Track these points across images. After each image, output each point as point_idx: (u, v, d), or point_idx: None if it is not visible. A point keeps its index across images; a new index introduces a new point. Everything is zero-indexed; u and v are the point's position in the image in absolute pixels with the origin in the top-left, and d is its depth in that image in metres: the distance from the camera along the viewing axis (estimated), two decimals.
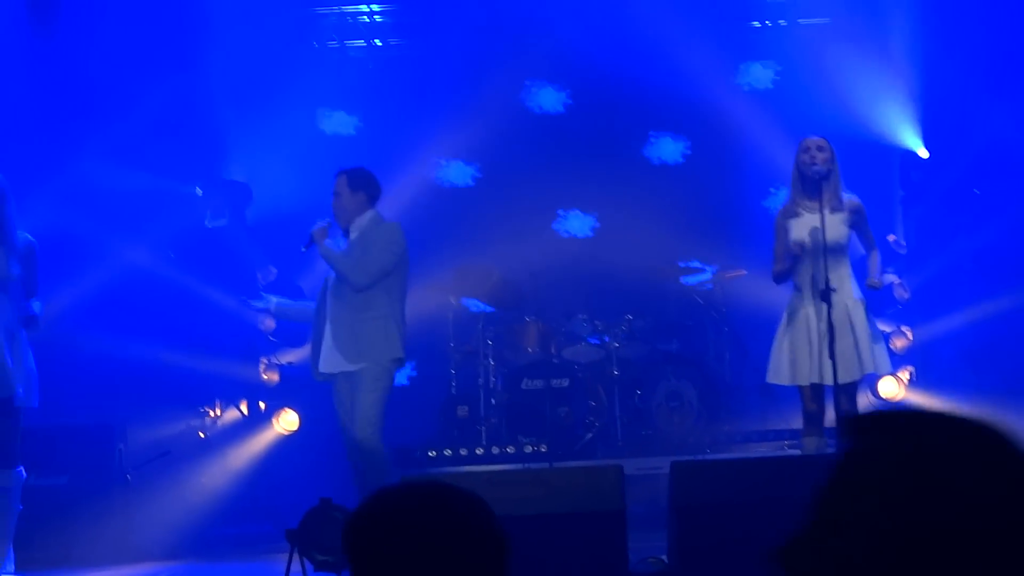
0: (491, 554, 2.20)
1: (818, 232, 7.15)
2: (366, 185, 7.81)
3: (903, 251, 10.93)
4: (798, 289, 7.33)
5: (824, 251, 7.12)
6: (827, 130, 7.74)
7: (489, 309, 10.59)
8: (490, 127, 11.51)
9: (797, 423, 7.84)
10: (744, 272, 10.60)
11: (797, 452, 8.15)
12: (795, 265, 7.28)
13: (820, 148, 7.27)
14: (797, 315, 7.28)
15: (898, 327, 10.72)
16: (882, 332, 10.41)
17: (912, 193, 11.34)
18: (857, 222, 7.36)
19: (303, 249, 7.92)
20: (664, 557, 6.29)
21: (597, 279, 11.39)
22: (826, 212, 7.17)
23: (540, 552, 5.76)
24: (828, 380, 7.08)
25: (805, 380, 7.22)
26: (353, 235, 7.73)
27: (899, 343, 10.62)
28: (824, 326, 7.05)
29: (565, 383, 10.05)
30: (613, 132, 11.73)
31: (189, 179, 11.09)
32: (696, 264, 10.88)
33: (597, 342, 10.45)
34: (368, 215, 7.77)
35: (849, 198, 7.33)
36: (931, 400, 10.60)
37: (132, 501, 8.65)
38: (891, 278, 10.79)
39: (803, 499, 4.76)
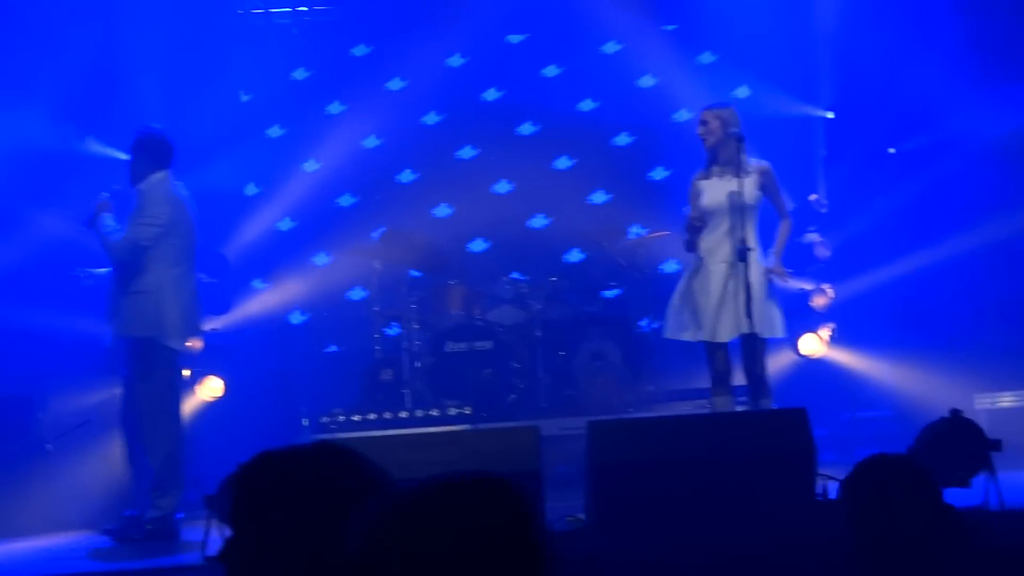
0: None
1: (732, 195, 7.34)
2: (150, 148, 7.62)
3: (824, 210, 11.05)
4: (704, 248, 7.50)
5: (738, 212, 7.27)
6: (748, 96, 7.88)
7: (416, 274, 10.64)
8: (416, 94, 11.62)
9: None
10: (668, 232, 10.68)
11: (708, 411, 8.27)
12: (699, 233, 7.48)
13: (703, 121, 7.57)
14: (702, 272, 7.43)
15: (819, 285, 10.82)
16: (801, 290, 10.62)
17: (834, 152, 11.46)
18: (766, 185, 7.54)
19: (86, 227, 7.74)
20: (582, 515, 6.36)
21: (520, 242, 11.53)
22: (730, 176, 7.39)
23: None
24: (724, 336, 7.27)
25: (717, 336, 7.35)
26: (137, 201, 7.60)
27: (820, 300, 10.73)
28: (736, 284, 7.19)
29: (489, 345, 10.07)
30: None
31: (110, 144, 10.99)
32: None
33: (520, 305, 10.52)
34: (151, 180, 7.58)
35: (758, 162, 7.55)
36: (850, 356, 10.77)
37: (52, 471, 8.61)
38: (813, 237, 10.90)
39: (714, 456, 4.86)
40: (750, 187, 7.44)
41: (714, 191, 7.51)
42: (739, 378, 7.67)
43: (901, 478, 3.79)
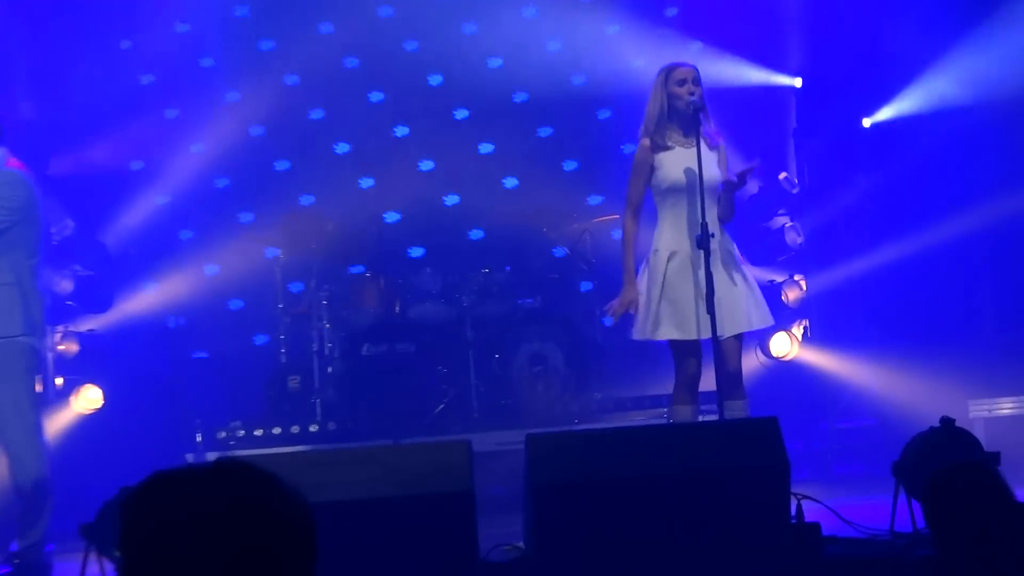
0: (291, 545, 2.16)
1: (693, 172, 7.30)
2: None
3: (795, 190, 11.07)
4: (674, 231, 7.43)
5: (700, 191, 7.23)
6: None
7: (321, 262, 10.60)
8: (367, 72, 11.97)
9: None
10: (617, 216, 10.66)
11: (667, 422, 8.25)
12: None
13: (696, 81, 7.47)
14: (676, 260, 7.38)
15: (791, 276, 10.82)
16: (771, 282, 10.66)
17: (805, 125, 11.48)
18: (721, 163, 7.56)
19: None
20: (521, 543, 6.33)
21: (449, 227, 11.56)
22: (692, 150, 7.34)
23: (378, 540, 5.75)
24: (729, 329, 7.27)
25: (694, 334, 7.33)
26: None
27: (792, 294, 10.75)
28: (703, 274, 7.17)
29: (412, 348, 10.03)
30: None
31: None
32: None
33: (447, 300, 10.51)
34: None
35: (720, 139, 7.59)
36: (827, 358, 10.80)
37: None
38: (783, 221, 10.95)
39: (672, 474, 4.85)
40: (718, 164, 7.46)
41: (677, 165, 7.43)
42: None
43: (980, 484, 4.02)
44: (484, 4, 11.98)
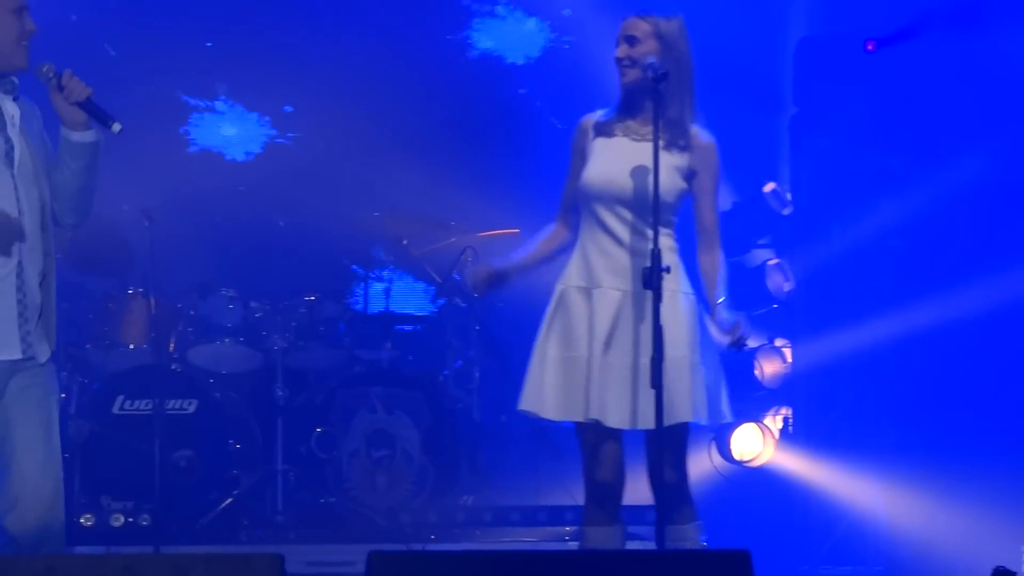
0: None
1: (643, 171, 7.17)
2: None
3: (787, 210, 11.08)
4: (597, 256, 7.29)
5: (655, 204, 7.12)
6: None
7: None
8: None
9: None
10: (518, 231, 10.68)
11: (575, 546, 8.23)
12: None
13: (633, 36, 7.26)
14: (581, 302, 7.25)
15: (769, 340, 10.90)
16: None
17: (810, 112, 11.48)
18: (700, 175, 7.35)
19: None
20: None
21: (260, 229, 11.59)
22: (643, 141, 7.19)
23: None
24: (641, 422, 7.08)
25: (587, 415, 7.17)
26: None
27: (769, 367, 10.76)
28: (645, 328, 7.06)
29: (191, 408, 10.04)
30: None
31: None
32: None
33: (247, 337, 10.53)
34: None
35: (704, 135, 7.31)
36: (815, 467, 10.80)
37: None
38: (764, 255, 10.97)
39: None
40: (677, 171, 7.28)
41: (615, 161, 7.31)
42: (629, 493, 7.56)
43: None
44: None
